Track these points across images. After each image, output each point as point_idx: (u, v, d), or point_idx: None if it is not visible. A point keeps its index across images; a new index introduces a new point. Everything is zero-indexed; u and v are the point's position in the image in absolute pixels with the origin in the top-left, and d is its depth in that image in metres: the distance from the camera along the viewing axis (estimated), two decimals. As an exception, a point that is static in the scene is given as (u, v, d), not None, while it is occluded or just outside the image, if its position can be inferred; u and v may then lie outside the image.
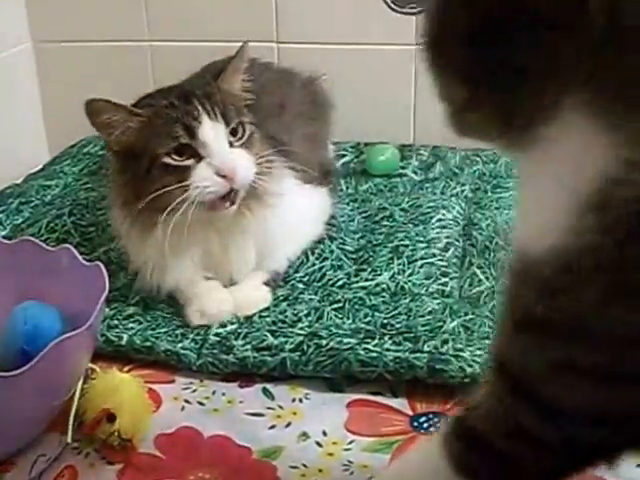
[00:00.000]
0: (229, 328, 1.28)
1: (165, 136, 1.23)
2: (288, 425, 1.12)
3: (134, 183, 1.25)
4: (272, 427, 1.12)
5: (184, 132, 1.23)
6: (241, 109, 1.31)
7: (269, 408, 1.15)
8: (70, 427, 1.07)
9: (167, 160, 1.22)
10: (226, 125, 1.25)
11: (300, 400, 1.17)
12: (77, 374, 1.08)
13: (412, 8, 1.81)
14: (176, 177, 1.22)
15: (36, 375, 0.97)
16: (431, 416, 1.13)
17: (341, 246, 1.47)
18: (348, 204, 1.62)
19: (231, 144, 1.26)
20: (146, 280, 1.31)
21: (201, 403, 1.17)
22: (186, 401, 1.17)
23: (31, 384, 0.98)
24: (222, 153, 1.24)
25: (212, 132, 1.24)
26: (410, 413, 1.14)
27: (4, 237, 1.47)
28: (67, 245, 1.20)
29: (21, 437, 1.07)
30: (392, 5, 1.82)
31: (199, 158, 1.23)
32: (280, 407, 1.16)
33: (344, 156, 1.81)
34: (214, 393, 1.19)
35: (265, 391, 1.19)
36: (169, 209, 1.21)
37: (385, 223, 1.53)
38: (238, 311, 1.31)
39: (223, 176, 1.22)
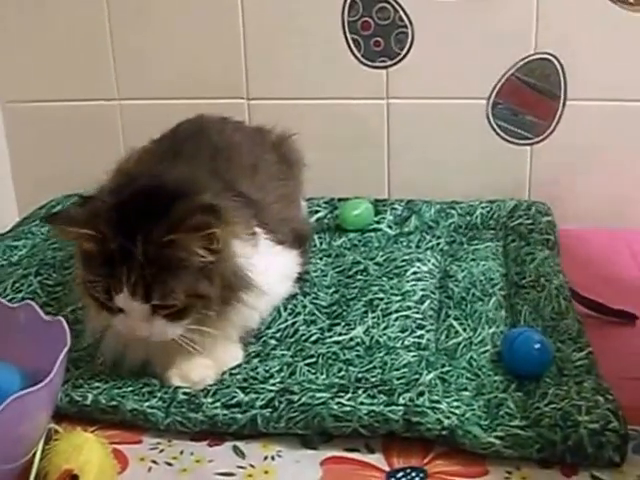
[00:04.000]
0: (198, 385, 1.24)
1: (95, 276, 1.18)
2: (260, 484, 1.08)
3: None
4: (243, 486, 1.08)
5: (104, 294, 1.18)
6: (176, 283, 1.17)
7: (240, 467, 1.11)
8: (30, 491, 1.03)
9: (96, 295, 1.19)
10: (146, 302, 1.17)
11: (272, 458, 1.13)
12: (37, 433, 1.04)
13: (382, 62, 1.81)
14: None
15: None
16: (409, 471, 1.09)
17: (314, 301, 1.44)
18: (321, 259, 1.60)
19: (155, 310, 1.18)
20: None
21: (169, 463, 1.12)
22: (153, 462, 1.12)
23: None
24: (137, 322, 1.19)
25: (128, 304, 1.17)
26: (387, 469, 1.10)
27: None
28: (28, 301, 1.17)
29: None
30: (363, 59, 1.81)
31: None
32: (251, 466, 1.11)
33: (318, 212, 1.79)
34: (182, 453, 1.14)
35: (236, 449, 1.14)
36: None
37: (359, 277, 1.51)
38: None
39: None
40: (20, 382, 1.07)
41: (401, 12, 1.78)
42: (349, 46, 1.82)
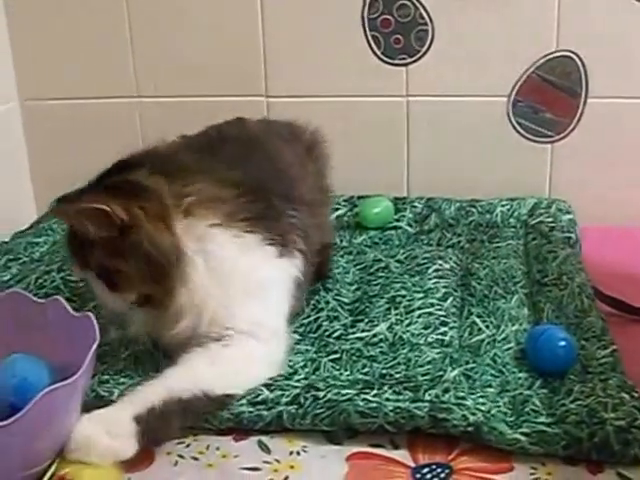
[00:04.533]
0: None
1: None
2: (286, 479, 1.08)
3: None
4: (269, 481, 1.08)
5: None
6: (89, 255, 1.24)
7: (265, 462, 1.11)
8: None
9: None
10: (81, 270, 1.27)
11: (298, 453, 1.12)
12: (67, 429, 1.04)
13: (402, 59, 1.81)
14: None
15: (25, 426, 0.93)
16: (434, 467, 1.09)
17: (337, 297, 1.44)
18: (342, 257, 1.60)
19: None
20: None
21: (195, 458, 1.12)
22: (179, 456, 1.12)
23: (19, 436, 0.94)
24: (96, 290, 1.27)
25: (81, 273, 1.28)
26: (412, 464, 1.10)
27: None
28: (56, 297, 1.17)
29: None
30: (382, 57, 1.81)
31: None
32: (277, 461, 1.11)
33: (337, 209, 1.79)
34: (208, 448, 1.14)
35: (261, 444, 1.14)
36: None
37: (381, 274, 1.51)
38: None
39: None
40: (49, 377, 1.08)
41: (421, 9, 1.78)
42: (369, 43, 1.82)
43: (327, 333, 1.35)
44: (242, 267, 1.25)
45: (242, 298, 1.25)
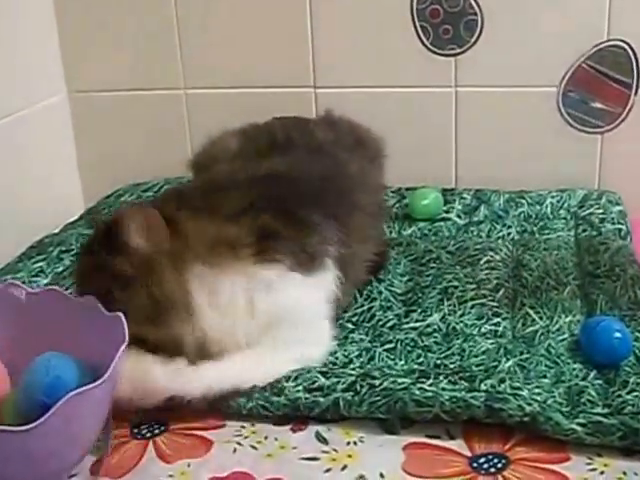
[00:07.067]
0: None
1: None
2: (344, 468, 1.08)
3: None
4: (328, 470, 1.08)
5: None
6: None
7: (323, 452, 1.12)
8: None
9: None
10: None
11: (355, 443, 1.13)
12: (97, 429, 1.05)
13: (451, 50, 1.81)
14: None
15: (52, 428, 0.94)
16: (490, 457, 1.10)
17: (389, 288, 1.44)
18: (393, 248, 1.59)
19: None
20: None
21: (254, 447, 1.13)
22: (238, 444, 1.13)
23: (48, 437, 0.95)
24: None
25: None
26: (469, 454, 1.10)
27: (46, 285, 1.48)
28: (89, 295, 1.16)
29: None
30: (431, 47, 1.81)
31: None
32: (335, 450, 1.12)
33: (385, 201, 1.78)
34: (266, 438, 1.15)
35: (318, 435, 1.15)
36: None
37: (432, 265, 1.51)
38: None
39: None
40: (80, 376, 1.06)
41: (471, -1, 1.78)
42: (417, 34, 1.81)
43: (381, 323, 1.36)
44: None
45: None
